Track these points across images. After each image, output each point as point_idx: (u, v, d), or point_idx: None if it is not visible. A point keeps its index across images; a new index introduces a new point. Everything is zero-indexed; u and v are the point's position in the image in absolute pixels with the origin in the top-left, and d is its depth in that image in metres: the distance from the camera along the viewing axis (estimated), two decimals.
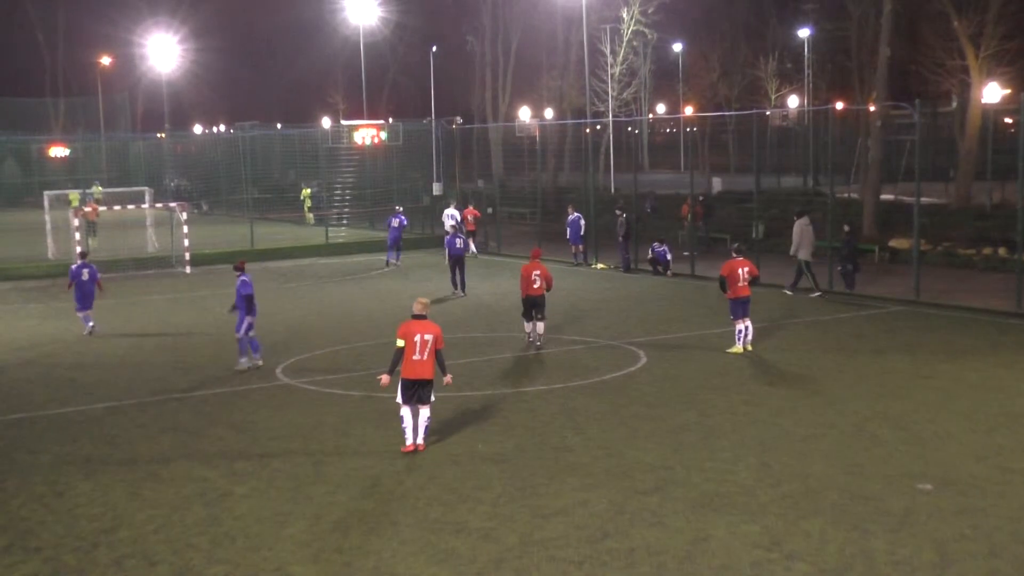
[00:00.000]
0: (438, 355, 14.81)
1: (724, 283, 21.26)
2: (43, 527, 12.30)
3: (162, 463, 14.59)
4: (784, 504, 12.29)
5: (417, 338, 14.64)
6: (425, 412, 14.82)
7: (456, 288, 29.53)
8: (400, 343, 14.68)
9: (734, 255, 21.60)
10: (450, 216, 37.98)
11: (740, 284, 20.97)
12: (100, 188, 51.46)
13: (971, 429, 15.24)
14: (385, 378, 14.83)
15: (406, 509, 12.47)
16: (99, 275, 25.25)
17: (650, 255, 32.93)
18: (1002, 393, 17.35)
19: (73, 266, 25.56)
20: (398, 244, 37.26)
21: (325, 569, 10.88)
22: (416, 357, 14.63)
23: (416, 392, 14.68)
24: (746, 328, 21.02)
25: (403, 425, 14.78)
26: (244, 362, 20.45)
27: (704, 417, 16.14)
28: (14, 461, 14.96)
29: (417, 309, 15.00)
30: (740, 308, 21.00)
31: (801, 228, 28.75)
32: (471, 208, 40.82)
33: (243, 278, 20.57)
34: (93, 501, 13.11)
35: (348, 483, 13.48)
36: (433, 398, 14.89)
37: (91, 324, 24.90)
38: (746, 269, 21.10)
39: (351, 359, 21.31)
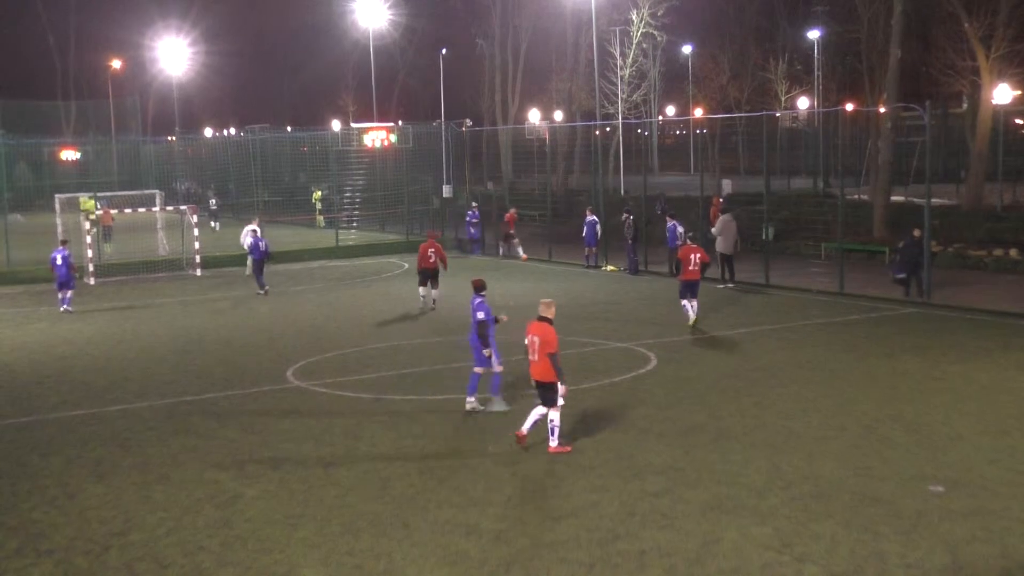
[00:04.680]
0: (552, 360, 14.41)
1: (679, 266, 23.91)
2: (55, 529, 12.34)
3: (173, 465, 14.63)
4: (795, 506, 12.27)
5: (527, 339, 14.79)
6: (548, 414, 14.54)
7: (262, 288, 31.65)
8: (526, 342, 14.94)
9: (688, 243, 24.49)
10: (250, 231, 37.72)
11: (691, 268, 23.51)
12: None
13: (983, 431, 15.20)
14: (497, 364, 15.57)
15: (417, 511, 12.48)
16: (71, 259, 29.05)
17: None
18: (1014, 395, 17.30)
19: (52, 253, 29.28)
20: (476, 238, 41.97)
21: (336, 572, 10.89)
22: (531, 358, 14.71)
23: (539, 392, 14.68)
24: (693, 306, 23.61)
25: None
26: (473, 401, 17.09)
27: (714, 419, 16.12)
28: (26, 464, 15.01)
29: (539, 310, 15.00)
30: (688, 289, 23.63)
31: (724, 223, 30.72)
32: (512, 212, 40.74)
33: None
34: (104, 503, 13.15)
35: (359, 486, 13.49)
36: (561, 401, 14.54)
37: (65, 306, 28.71)
38: (698, 256, 23.64)
39: (361, 362, 21.33)
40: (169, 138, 78.05)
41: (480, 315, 16.64)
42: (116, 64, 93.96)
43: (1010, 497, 12.44)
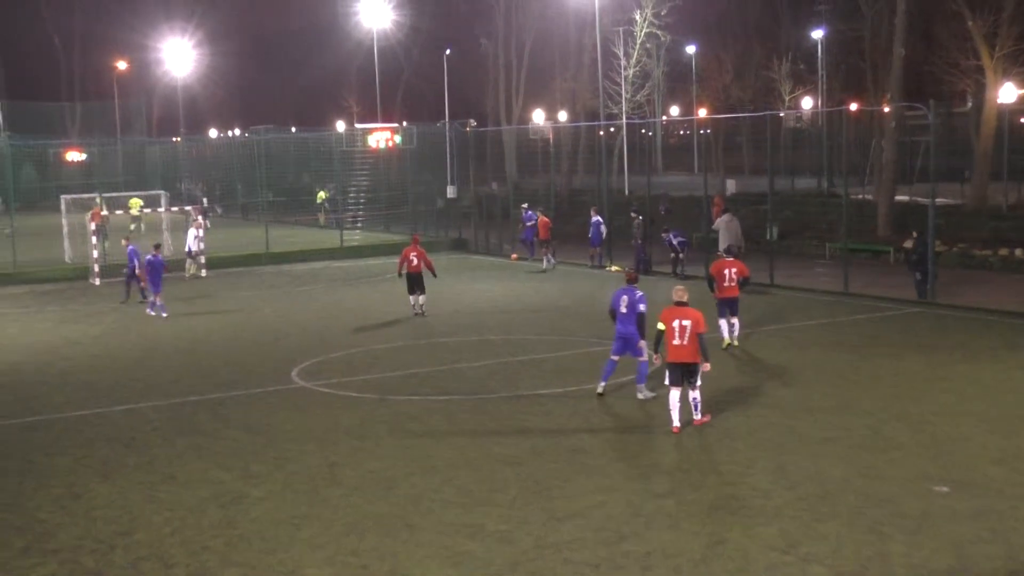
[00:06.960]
0: (700, 340, 15.29)
1: (712, 283, 21.66)
2: (60, 529, 12.36)
3: (178, 465, 14.64)
4: (800, 507, 12.26)
5: (676, 323, 15.32)
6: (693, 393, 15.41)
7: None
8: (660, 326, 15.39)
9: (723, 255, 22.35)
10: (194, 235, 36.54)
11: (727, 284, 21.26)
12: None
13: (988, 431, 15.18)
14: (656, 359, 15.53)
15: (421, 512, 12.48)
16: (135, 264, 29.06)
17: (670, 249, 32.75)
18: (1019, 395, 17.27)
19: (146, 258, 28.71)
20: (531, 241, 38.31)
21: (340, 572, 10.89)
22: (676, 342, 15.30)
23: (682, 374, 15.38)
24: (732, 324, 21.41)
25: (669, 406, 15.42)
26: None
27: (719, 419, 16.10)
28: (32, 463, 15.03)
29: (676, 297, 15.72)
30: (726, 307, 21.36)
31: (725, 223, 30.83)
32: (542, 216, 36.96)
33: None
34: (110, 503, 13.17)
35: (363, 486, 13.50)
36: (700, 381, 15.40)
37: (153, 311, 27.82)
38: (734, 270, 21.35)
39: (366, 362, 21.34)
40: (174, 139, 78.15)
41: (642, 307, 17.12)
42: (121, 65, 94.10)
43: (1016, 497, 12.42)
